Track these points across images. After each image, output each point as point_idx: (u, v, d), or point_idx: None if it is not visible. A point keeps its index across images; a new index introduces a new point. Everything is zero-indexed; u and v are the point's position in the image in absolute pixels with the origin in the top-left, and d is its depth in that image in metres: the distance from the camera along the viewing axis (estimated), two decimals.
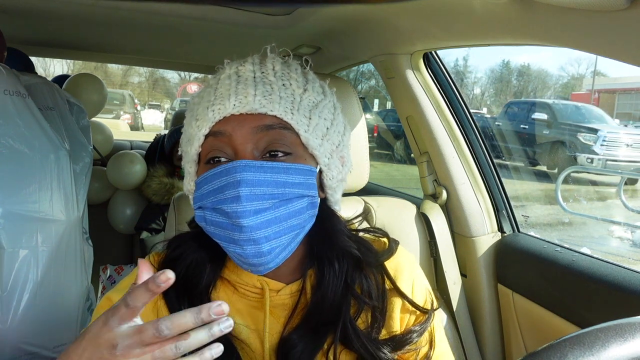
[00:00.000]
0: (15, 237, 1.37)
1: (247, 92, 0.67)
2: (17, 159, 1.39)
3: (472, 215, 1.38)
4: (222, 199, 0.65)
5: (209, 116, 0.68)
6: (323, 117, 0.72)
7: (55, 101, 1.66)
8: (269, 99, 0.68)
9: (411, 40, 1.28)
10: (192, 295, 0.72)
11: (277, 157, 0.68)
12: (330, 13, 1.30)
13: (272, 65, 0.73)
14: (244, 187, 0.63)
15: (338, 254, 0.76)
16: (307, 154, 0.71)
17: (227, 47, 1.87)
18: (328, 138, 0.72)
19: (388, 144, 11.13)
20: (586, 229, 5.72)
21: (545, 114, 9.71)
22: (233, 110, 0.67)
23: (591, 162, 8.45)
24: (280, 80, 0.71)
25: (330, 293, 0.73)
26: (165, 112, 21.36)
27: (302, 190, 0.68)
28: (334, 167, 0.74)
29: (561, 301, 1.13)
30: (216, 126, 0.68)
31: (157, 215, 2.18)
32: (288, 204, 0.67)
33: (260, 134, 0.67)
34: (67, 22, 1.68)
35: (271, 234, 0.65)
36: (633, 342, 0.44)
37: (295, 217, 0.68)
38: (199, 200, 0.69)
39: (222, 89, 0.70)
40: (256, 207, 0.64)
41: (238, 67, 0.72)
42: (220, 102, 0.68)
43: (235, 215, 0.63)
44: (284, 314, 0.74)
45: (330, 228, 0.77)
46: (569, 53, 33.68)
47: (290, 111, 0.68)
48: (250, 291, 0.75)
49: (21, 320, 1.37)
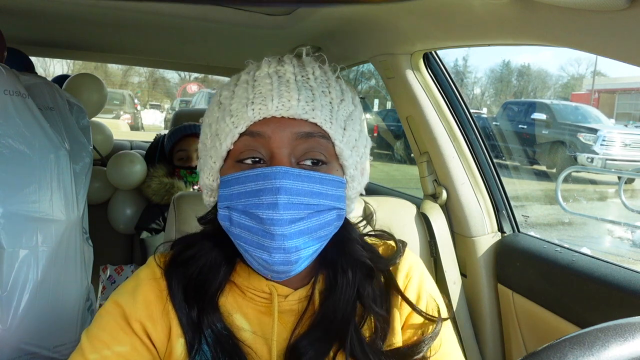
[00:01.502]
0: (15, 237, 1.37)
1: (291, 96, 0.66)
2: (17, 159, 1.39)
3: (472, 215, 1.38)
4: (256, 203, 0.63)
5: (248, 114, 0.66)
6: (354, 128, 0.72)
7: (55, 101, 1.66)
8: (312, 105, 0.66)
9: (411, 40, 1.28)
10: (201, 300, 0.71)
11: (316, 165, 0.67)
12: (330, 13, 1.30)
13: (312, 70, 0.71)
14: (283, 194, 0.62)
15: (352, 262, 0.75)
16: (338, 164, 0.70)
17: (227, 47, 1.88)
18: (356, 150, 0.72)
19: (388, 144, 11.13)
20: (586, 229, 5.72)
21: (544, 114, 9.77)
22: (275, 112, 0.65)
23: (591, 161, 8.49)
24: (321, 87, 0.70)
25: (342, 301, 0.72)
26: (165, 112, 21.36)
27: (333, 202, 0.67)
28: (357, 178, 0.74)
29: (561, 301, 1.13)
30: (255, 126, 0.66)
31: (157, 215, 2.18)
32: (320, 215, 0.66)
33: (299, 140, 0.66)
34: (67, 22, 1.68)
35: (301, 244, 0.64)
36: (633, 342, 0.44)
37: (324, 229, 0.67)
38: (226, 199, 0.67)
39: (262, 88, 0.67)
40: (292, 216, 0.63)
41: (277, 67, 0.70)
42: (262, 101, 0.66)
43: (270, 223, 0.62)
44: (291, 320, 0.73)
45: (345, 237, 0.76)
46: (569, 53, 33.70)
47: (329, 120, 0.67)
48: (258, 296, 0.74)
49: (21, 320, 1.37)
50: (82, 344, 0.69)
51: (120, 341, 0.68)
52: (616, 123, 12.55)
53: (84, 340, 0.70)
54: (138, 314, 0.70)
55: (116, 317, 0.70)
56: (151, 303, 0.71)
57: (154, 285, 0.73)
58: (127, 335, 0.69)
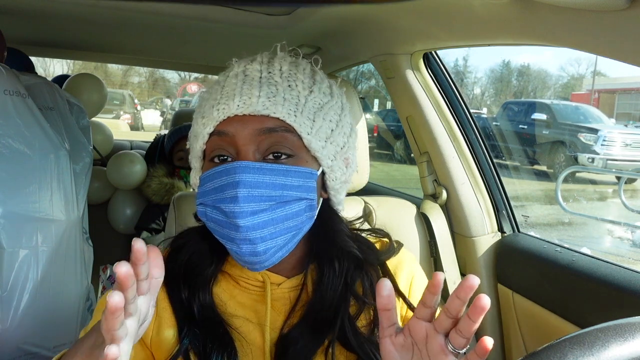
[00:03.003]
0: (15, 237, 1.37)
1: (252, 93, 0.68)
2: (17, 159, 1.39)
3: (472, 215, 1.38)
4: (221, 198, 0.66)
5: (213, 115, 0.69)
6: (328, 119, 0.72)
7: (55, 101, 1.66)
8: (273, 100, 0.68)
9: (411, 40, 1.28)
10: (193, 286, 0.73)
11: (279, 159, 0.68)
12: (330, 13, 1.30)
13: (280, 65, 0.73)
14: (242, 188, 0.64)
15: (338, 253, 0.76)
16: (310, 156, 0.71)
17: (227, 47, 1.87)
18: (332, 140, 0.73)
19: (388, 144, 11.13)
20: (586, 229, 5.72)
21: (544, 114, 9.75)
22: (237, 111, 0.67)
23: (592, 161, 8.48)
24: (287, 81, 0.71)
25: (329, 292, 0.73)
26: (166, 112, 21.34)
27: (300, 193, 0.68)
28: (338, 168, 0.74)
29: (561, 301, 1.13)
30: (220, 125, 0.69)
31: (157, 215, 2.18)
32: (285, 206, 0.67)
33: (262, 135, 0.67)
34: (67, 22, 1.68)
35: (267, 234, 0.66)
36: (633, 342, 0.44)
37: (292, 219, 0.68)
38: (201, 196, 0.70)
39: (228, 88, 0.70)
40: (253, 208, 0.64)
41: (246, 66, 0.73)
42: (225, 101, 0.69)
43: (232, 215, 0.64)
44: (284, 308, 0.74)
45: (331, 228, 0.77)
46: (569, 53, 33.70)
47: (293, 113, 0.68)
48: (252, 284, 0.76)
49: (21, 320, 1.37)
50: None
51: None
52: (616, 123, 12.53)
53: (81, 336, 0.70)
54: None
55: None
56: None
57: None
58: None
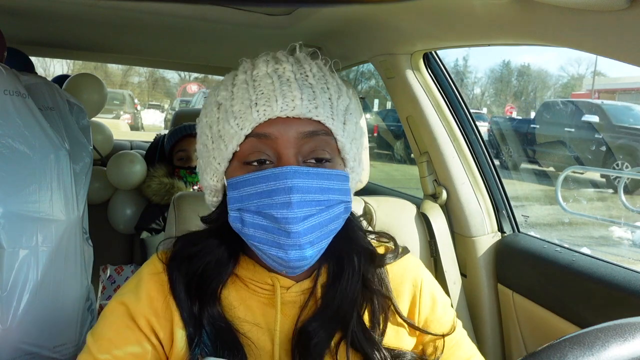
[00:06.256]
0: (15, 237, 1.37)
1: (294, 95, 0.66)
2: (17, 159, 1.39)
3: (472, 215, 1.38)
4: (270, 203, 0.64)
5: (253, 116, 0.66)
6: (353, 120, 0.73)
7: (55, 101, 1.65)
8: (314, 103, 0.67)
9: (411, 40, 1.29)
10: (203, 294, 0.72)
11: (321, 163, 0.68)
12: (330, 13, 1.30)
13: (310, 67, 0.72)
14: (296, 193, 0.63)
15: (356, 249, 0.77)
16: (340, 158, 0.72)
17: (227, 47, 1.88)
18: (355, 142, 0.74)
19: (388, 144, 11.13)
20: (586, 229, 5.71)
21: (596, 116, 8.66)
22: (280, 112, 0.65)
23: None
24: (319, 84, 0.70)
25: (349, 288, 0.74)
26: (166, 112, 21.36)
27: (340, 196, 0.69)
28: (356, 169, 0.75)
29: (561, 301, 1.13)
30: (260, 127, 0.66)
31: (157, 215, 2.18)
32: (330, 209, 0.67)
33: (304, 139, 0.67)
34: (67, 22, 1.68)
35: (314, 239, 0.66)
36: (633, 342, 0.44)
37: (333, 222, 0.69)
38: (237, 201, 0.67)
39: (263, 88, 0.67)
40: (305, 214, 0.64)
41: (275, 66, 0.70)
42: (266, 102, 0.66)
43: (285, 221, 0.63)
44: (293, 312, 0.74)
45: (349, 226, 0.77)
46: (569, 53, 33.71)
47: (331, 116, 0.69)
48: (261, 288, 0.75)
49: (21, 320, 1.37)
50: (88, 345, 0.69)
51: (127, 339, 0.68)
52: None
53: (89, 340, 0.70)
54: (143, 310, 0.70)
55: (121, 316, 0.70)
56: (154, 298, 0.72)
57: (156, 279, 0.73)
58: (133, 333, 0.69)
